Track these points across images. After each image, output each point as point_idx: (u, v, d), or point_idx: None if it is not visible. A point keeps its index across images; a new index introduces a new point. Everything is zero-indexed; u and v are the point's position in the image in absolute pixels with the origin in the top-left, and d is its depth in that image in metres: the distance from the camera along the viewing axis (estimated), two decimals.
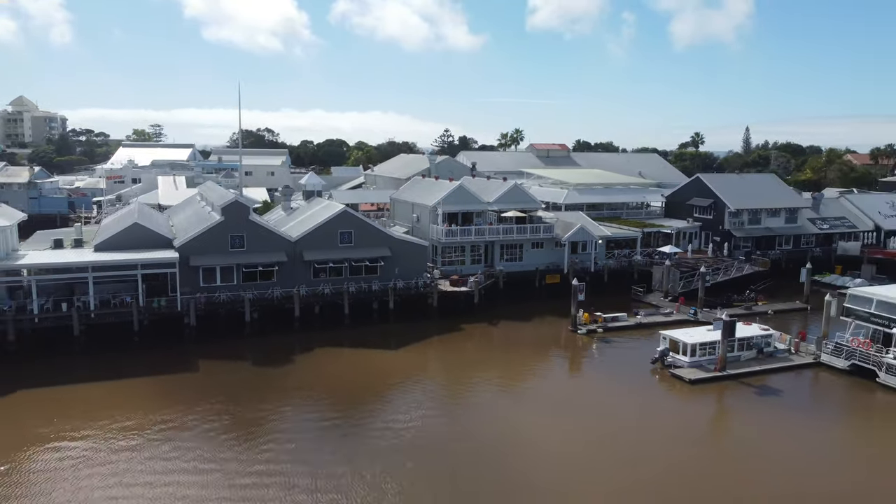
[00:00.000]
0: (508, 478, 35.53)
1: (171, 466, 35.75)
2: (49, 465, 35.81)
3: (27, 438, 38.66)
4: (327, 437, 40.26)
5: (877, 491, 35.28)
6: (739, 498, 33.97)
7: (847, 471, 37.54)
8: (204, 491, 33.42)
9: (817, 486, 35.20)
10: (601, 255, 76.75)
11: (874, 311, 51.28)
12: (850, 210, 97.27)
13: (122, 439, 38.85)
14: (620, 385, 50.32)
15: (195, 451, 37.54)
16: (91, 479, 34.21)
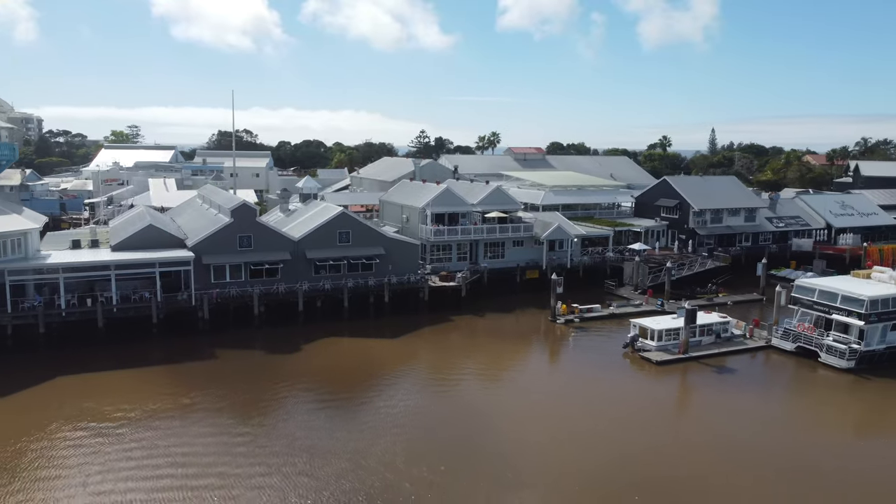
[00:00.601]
0: (491, 450, 41.51)
1: (188, 441, 40.48)
2: (81, 442, 40.09)
3: (59, 419, 43.15)
4: (327, 415, 45.65)
5: (813, 447, 42.00)
6: (698, 457, 40.36)
7: (789, 432, 44.15)
8: (217, 459, 38.47)
9: (764, 445, 41.63)
10: (577, 252, 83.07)
11: (817, 300, 58.28)
12: (804, 209, 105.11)
13: (144, 419, 43.46)
14: (595, 367, 56.61)
15: (207, 428, 42.56)
16: (118, 454, 38.74)
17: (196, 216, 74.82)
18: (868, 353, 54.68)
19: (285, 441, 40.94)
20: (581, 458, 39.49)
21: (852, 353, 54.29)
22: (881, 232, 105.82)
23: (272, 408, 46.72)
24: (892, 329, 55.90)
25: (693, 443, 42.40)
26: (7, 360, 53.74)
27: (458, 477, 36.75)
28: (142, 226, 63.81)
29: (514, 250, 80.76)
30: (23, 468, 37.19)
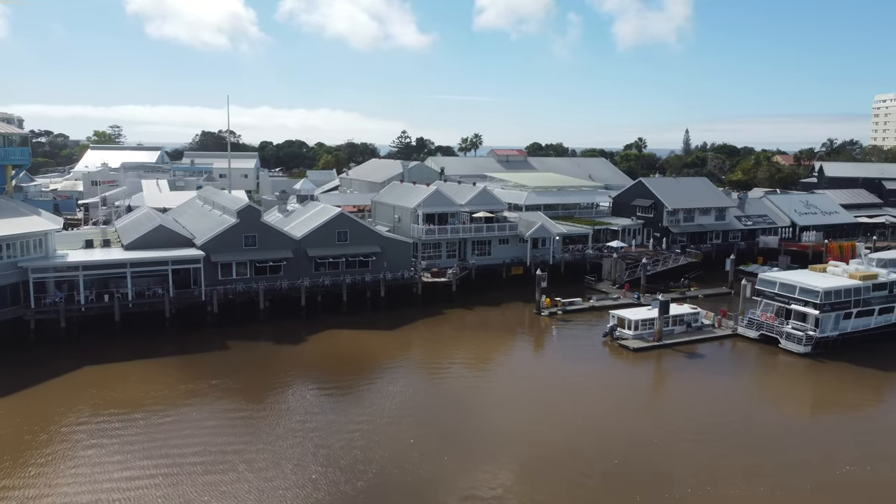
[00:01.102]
0: (476, 428, 46.51)
1: (199, 424, 44.66)
2: (101, 427, 44.01)
3: (82, 405, 47.21)
4: (330, 399, 50.42)
5: (774, 423, 47.52)
6: (669, 434, 45.66)
7: (752, 410, 49.63)
8: (234, 438, 42.93)
9: (728, 421, 47.01)
10: (558, 249, 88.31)
11: (778, 292, 64.05)
12: (771, 208, 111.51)
13: (158, 405, 47.56)
14: (577, 354, 61.81)
15: (221, 411, 47.14)
16: (136, 436, 42.65)
17: (198, 217, 78.79)
18: (823, 339, 60.50)
19: (297, 419, 45.61)
20: (557, 433, 44.47)
21: (809, 339, 60.07)
22: (842, 229, 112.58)
23: (281, 392, 51.23)
24: (845, 317, 61.81)
25: (665, 421, 47.70)
26: (32, 353, 57.68)
27: (441, 451, 41.59)
28: (152, 226, 67.81)
29: (500, 248, 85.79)
30: (59, 449, 41.43)
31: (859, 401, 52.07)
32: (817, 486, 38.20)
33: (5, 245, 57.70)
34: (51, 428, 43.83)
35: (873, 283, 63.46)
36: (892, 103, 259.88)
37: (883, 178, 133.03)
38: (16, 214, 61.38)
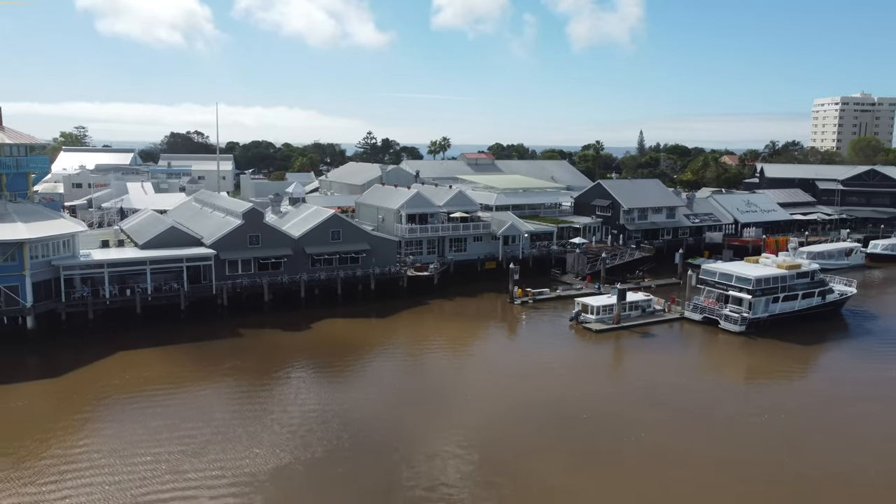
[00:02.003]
0: (455, 396, 55.50)
1: (217, 398, 52.41)
2: (128, 405, 51.28)
3: (110, 387, 54.07)
4: (328, 377, 58.75)
5: (714, 388, 57.51)
6: (623, 399, 55.28)
7: (694, 377, 59.60)
8: (239, 407, 51.11)
9: (674, 388, 56.80)
10: (526, 245, 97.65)
11: (717, 280, 74.42)
12: (716, 207, 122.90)
13: (177, 387, 54.57)
14: (547, 336, 71.20)
15: (233, 389, 54.88)
16: (156, 413, 49.31)
17: (199, 218, 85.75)
18: (755, 320, 70.99)
19: (298, 393, 53.90)
20: (527, 398, 53.43)
21: (743, 320, 70.49)
22: (779, 226, 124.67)
23: (285, 372, 59.10)
24: (773, 301, 72.44)
25: (621, 388, 57.33)
26: (65, 342, 64.54)
27: (420, 416, 50.21)
28: (165, 227, 74.98)
29: (475, 245, 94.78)
30: (98, 420, 49.04)
31: (783, 370, 62.47)
32: (741, 431, 48.09)
33: (41, 245, 64.38)
34: (96, 400, 51.30)
35: (797, 272, 74.33)
36: (829, 107, 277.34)
37: (816, 179, 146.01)
38: (45, 218, 67.96)
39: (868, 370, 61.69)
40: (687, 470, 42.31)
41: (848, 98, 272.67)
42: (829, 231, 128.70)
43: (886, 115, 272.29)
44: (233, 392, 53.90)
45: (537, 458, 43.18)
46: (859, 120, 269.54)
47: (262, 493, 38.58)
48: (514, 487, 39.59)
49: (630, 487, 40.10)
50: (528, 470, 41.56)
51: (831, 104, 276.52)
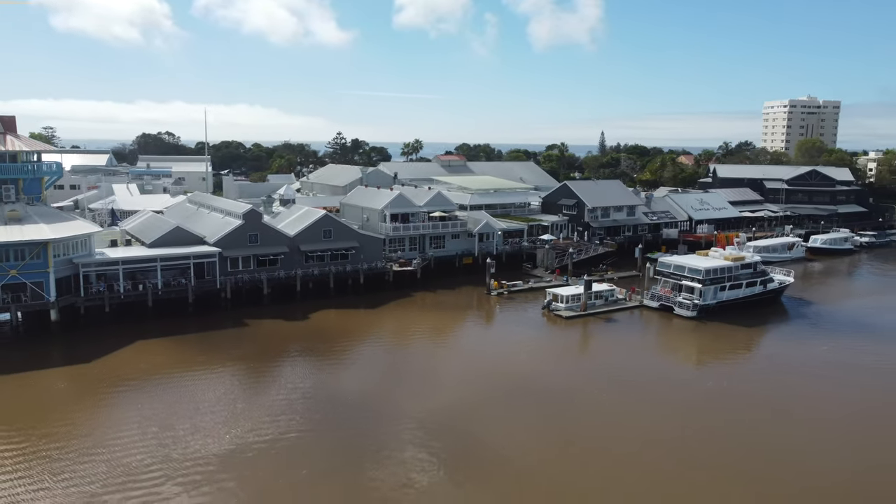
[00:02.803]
0: (435, 373, 63.47)
1: (216, 386, 58.03)
2: (142, 389, 57.93)
3: (127, 372, 60.41)
4: (322, 362, 66.04)
5: (668, 365, 66.40)
6: (586, 376, 63.83)
7: (651, 356, 68.41)
8: (241, 387, 58.53)
9: (633, 366, 65.52)
10: (500, 242, 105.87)
11: (672, 271, 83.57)
12: (672, 206, 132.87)
13: (188, 372, 60.91)
14: (521, 322, 79.46)
15: (237, 373, 61.93)
16: (166, 396, 55.60)
17: (197, 218, 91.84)
18: (705, 306, 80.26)
19: (295, 373, 61.23)
20: (502, 374, 61.55)
21: (695, 306, 79.69)
22: (729, 222, 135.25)
23: (284, 359, 65.97)
24: (721, 289, 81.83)
25: (585, 366, 65.96)
26: (84, 333, 70.50)
27: (402, 390, 57.77)
28: (170, 227, 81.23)
29: (453, 242, 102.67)
30: (124, 399, 55.77)
31: (729, 348, 71.68)
32: (690, 398, 56.94)
33: (62, 245, 70.27)
34: (119, 383, 57.86)
35: (741, 263, 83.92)
36: (778, 109, 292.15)
37: (764, 179, 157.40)
38: (63, 219, 73.76)
39: (800, 349, 71.27)
40: (632, 431, 50.66)
41: (796, 101, 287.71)
42: (775, 227, 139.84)
43: (831, 117, 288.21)
44: (236, 375, 60.51)
45: (501, 424, 50.49)
46: (806, 122, 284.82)
47: (261, 449, 45.89)
48: (476, 446, 47.28)
49: (576, 447, 47.69)
50: (491, 432, 49.23)
51: (780, 107, 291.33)
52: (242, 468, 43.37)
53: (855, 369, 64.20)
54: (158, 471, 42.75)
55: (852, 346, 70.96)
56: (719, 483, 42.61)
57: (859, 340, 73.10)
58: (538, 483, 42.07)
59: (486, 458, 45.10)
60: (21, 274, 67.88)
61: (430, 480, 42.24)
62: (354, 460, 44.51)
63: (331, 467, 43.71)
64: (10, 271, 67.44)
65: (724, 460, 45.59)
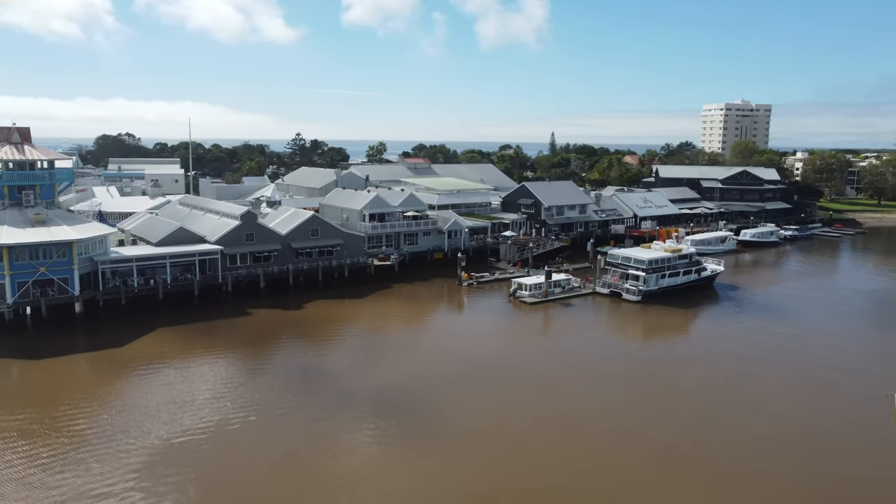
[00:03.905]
0: (410, 352, 74.50)
1: (218, 370, 67.29)
2: (153, 375, 68.00)
3: (140, 360, 68.77)
4: (313, 346, 76.41)
5: (617, 343, 78.67)
6: (543, 355, 75.57)
7: (604, 334, 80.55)
8: (242, 368, 68.54)
9: (585, 344, 77.53)
10: (466, 239, 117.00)
11: (620, 262, 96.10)
12: (619, 204, 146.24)
13: (194, 358, 70.08)
14: (490, 308, 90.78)
15: (237, 354, 71.82)
16: (171, 382, 64.68)
17: (192, 218, 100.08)
18: (648, 291, 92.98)
19: (289, 362, 71.22)
20: (471, 353, 72.88)
21: (640, 292, 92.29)
22: (670, 218, 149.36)
23: (279, 345, 75.51)
24: (662, 277, 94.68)
25: (547, 345, 77.56)
26: (104, 324, 78.72)
27: (381, 366, 68.89)
28: (174, 228, 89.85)
29: (425, 239, 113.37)
30: (136, 383, 65.07)
31: (669, 326, 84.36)
32: (634, 363, 69.15)
33: (84, 244, 78.38)
34: (139, 366, 67.00)
35: (679, 254, 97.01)
36: (715, 112, 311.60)
37: (701, 179, 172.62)
38: (81, 222, 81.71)
39: (727, 325, 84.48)
40: (584, 400, 62.40)
41: (731, 104, 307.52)
42: (710, 222, 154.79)
43: (763, 119, 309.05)
44: (237, 358, 69.74)
45: (462, 393, 61.09)
46: (740, 124, 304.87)
47: (257, 416, 56.05)
48: (439, 409, 58.35)
49: (526, 412, 58.41)
50: (455, 399, 60.53)
51: (717, 109, 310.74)
52: (237, 435, 53.23)
53: (772, 339, 77.42)
54: (174, 432, 52.19)
55: (770, 323, 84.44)
56: (662, 434, 54.61)
57: (776, 318, 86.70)
58: (496, 446, 50.79)
59: (453, 422, 56.00)
60: (49, 271, 75.88)
61: (401, 441, 52.95)
62: (335, 425, 54.76)
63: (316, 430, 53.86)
64: (39, 269, 75.37)
65: (669, 419, 57.67)
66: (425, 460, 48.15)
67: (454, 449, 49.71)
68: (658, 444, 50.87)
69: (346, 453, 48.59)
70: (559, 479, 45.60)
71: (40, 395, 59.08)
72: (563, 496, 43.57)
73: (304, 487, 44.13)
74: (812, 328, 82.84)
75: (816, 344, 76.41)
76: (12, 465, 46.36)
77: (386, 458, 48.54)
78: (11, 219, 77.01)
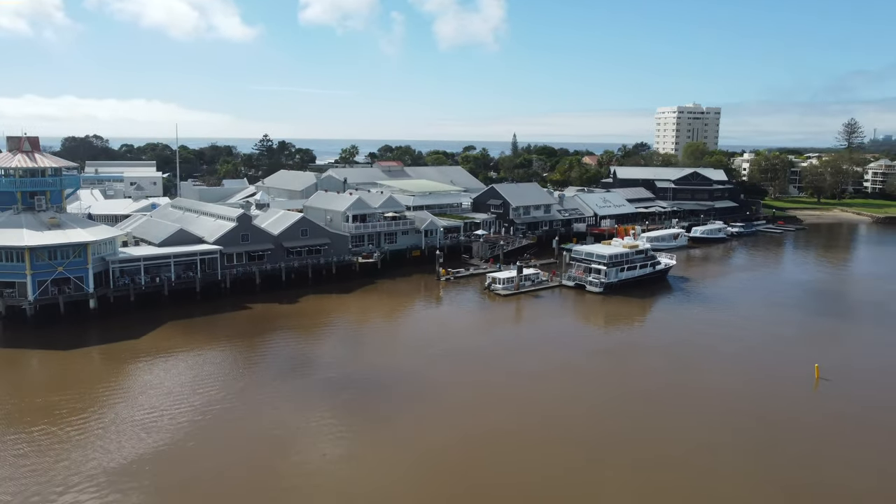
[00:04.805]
0: (392, 339, 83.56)
1: (221, 355, 76.13)
2: (159, 367, 75.71)
3: (148, 352, 76.54)
4: (305, 336, 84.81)
5: (581, 329, 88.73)
6: (514, 339, 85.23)
7: (569, 322, 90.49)
8: (238, 360, 76.87)
9: (553, 330, 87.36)
10: (441, 237, 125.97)
11: (583, 257, 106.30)
12: (581, 204, 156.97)
13: (191, 352, 77.88)
14: (467, 300, 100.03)
15: (236, 344, 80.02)
16: (180, 370, 73.08)
17: (187, 220, 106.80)
18: (609, 283, 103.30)
19: (282, 352, 79.49)
20: (446, 338, 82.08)
21: (602, 284, 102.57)
22: (627, 217, 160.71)
23: (275, 335, 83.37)
24: (621, 270, 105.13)
25: (517, 334, 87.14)
26: (115, 319, 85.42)
27: (363, 350, 77.89)
28: (175, 229, 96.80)
29: (403, 237, 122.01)
30: (148, 373, 72.77)
31: (626, 315, 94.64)
32: (597, 347, 79.11)
33: (97, 246, 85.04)
34: (142, 361, 74.53)
35: (636, 250, 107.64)
36: (668, 114, 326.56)
37: (656, 179, 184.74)
38: (91, 225, 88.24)
39: (679, 312, 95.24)
40: (546, 381, 72.16)
41: (683, 107, 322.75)
42: (664, 220, 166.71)
43: (713, 122, 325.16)
44: (237, 348, 77.75)
45: (443, 374, 70.46)
46: (692, 126, 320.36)
47: (258, 396, 64.47)
48: (422, 386, 67.60)
49: (497, 392, 68.56)
50: (436, 378, 69.75)
51: (670, 112, 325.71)
52: (234, 411, 61.67)
53: (717, 323, 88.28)
54: (183, 407, 60.35)
55: (716, 309, 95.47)
56: (616, 401, 64.53)
57: (722, 306, 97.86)
58: (467, 419, 60.95)
59: (434, 398, 65.13)
60: (66, 270, 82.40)
61: (385, 415, 61.93)
62: (323, 397, 63.73)
63: (306, 402, 62.62)
64: (57, 268, 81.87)
65: (627, 389, 67.64)
66: (406, 433, 55.75)
67: (432, 422, 57.83)
68: (616, 408, 60.73)
69: (337, 426, 57.05)
70: (521, 443, 54.74)
71: (75, 380, 66.35)
72: (524, 455, 52.53)
73: (287, 456, 52.62)
74: (753, 314, 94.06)
75: (756, 326, 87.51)
76: (44, 436, 53.88)
77: (371, 430, 56.93)
78: (28, 222, 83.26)
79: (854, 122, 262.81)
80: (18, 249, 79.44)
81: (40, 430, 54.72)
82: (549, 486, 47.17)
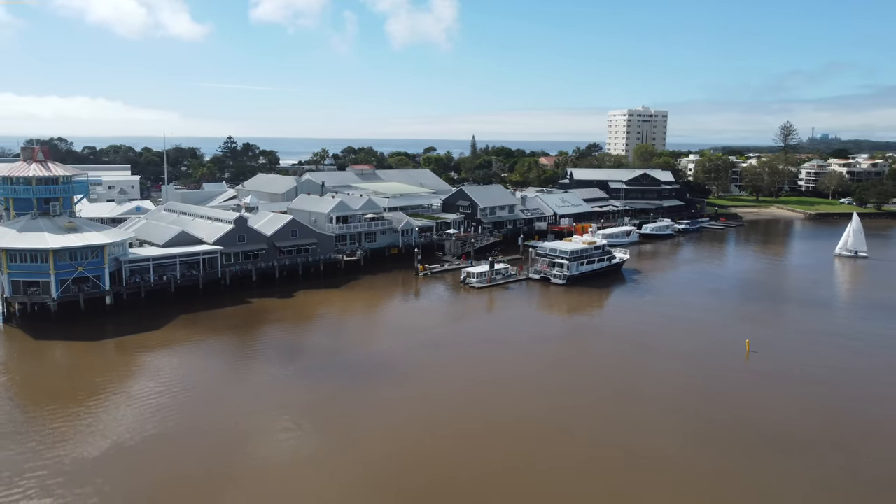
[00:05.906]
0: (376, 327, 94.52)
1: (220, 347, 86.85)
2: (170, 355, 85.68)
3: (156, 345, 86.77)
4: (297, 328, 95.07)
5: (545, 319, 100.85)
6: (487, 330, 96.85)
7: (535, 312, 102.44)
8: (235, 351, 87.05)
9: (520, 320, 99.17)
10: (416, 236, 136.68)
11: (548, 253, 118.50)
12: (542, 203, 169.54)
13: (197, 342, 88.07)
14: (444, 293, 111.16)
15: (236, 335, 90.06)
16: (188, 360, 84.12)
17: (183, 223, 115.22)
18: (571, 276, 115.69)
19: (279, 341, 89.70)
20: (426, 328, 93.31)
21: (564, 277, 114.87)
22: (584, 216, 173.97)
23: (271, 327, 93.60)
24: (581, 264, 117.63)
25: (492, 320, 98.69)
26: (128, 315, 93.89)
27: (349, 340, 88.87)
28: (176, 231, 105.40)
29: (382, 237, 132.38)
30: (158, 364, 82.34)
31: (587, 303, 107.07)
32: (561, 332, 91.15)
33: (112, 247, 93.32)
34: (149, 353, 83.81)
35: (594, 246, 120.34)
36: (619, 117, 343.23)
37: (609, 180, 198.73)
38: (104, 228, 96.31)
39: (632, 300, 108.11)
40: (522, 367, 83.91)
41: (633, 110, 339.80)
42: (617, 219, 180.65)
43: (661, 124, 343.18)
44: (239, 338, 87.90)
45: (423, 358, 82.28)
46: (641, 128, 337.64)
47: (259, 380, 74.79)
48: (405, 368, 78.81)
49: (474, 371, 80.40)
50: (417, 362, 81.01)
51: (621, 115, 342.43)
52: (233, 395, 71.90)
53: (665, 309, 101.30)
54: (187, 391, 70.36)
55: (664, 297, 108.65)
56: (584, 384, 76.53)
57: (669, 294, 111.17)
58: (444, 399, 73.17)
59: (415, 378, 76.29)
60: (85, 270, 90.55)
61: (373, 393, 72.86)
62: (313, 381, 74.33)
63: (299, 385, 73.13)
64: (77, 268, 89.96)
65: (588, 369, 79.71)
66: (390, 409, 66.79)
67: (414, 401, 68.88)
68: (577, 383, 72.75)
69: (327, 405, 67.78)
70: (496, 416, 66.44)
71: (104, 367, 75.25)
72: (498, 428, 64.29)
73: (276, 423, 63.18)
74: (696, 300, 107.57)
75: (698, 311, 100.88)
76: (74, 418, 63.18)
77: (358, 405, 67.79)
78: (47, 226, 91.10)
79: (789, 125, 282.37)
80: (44, 251, 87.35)
81: (71, 412, 64.09)
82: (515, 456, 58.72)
